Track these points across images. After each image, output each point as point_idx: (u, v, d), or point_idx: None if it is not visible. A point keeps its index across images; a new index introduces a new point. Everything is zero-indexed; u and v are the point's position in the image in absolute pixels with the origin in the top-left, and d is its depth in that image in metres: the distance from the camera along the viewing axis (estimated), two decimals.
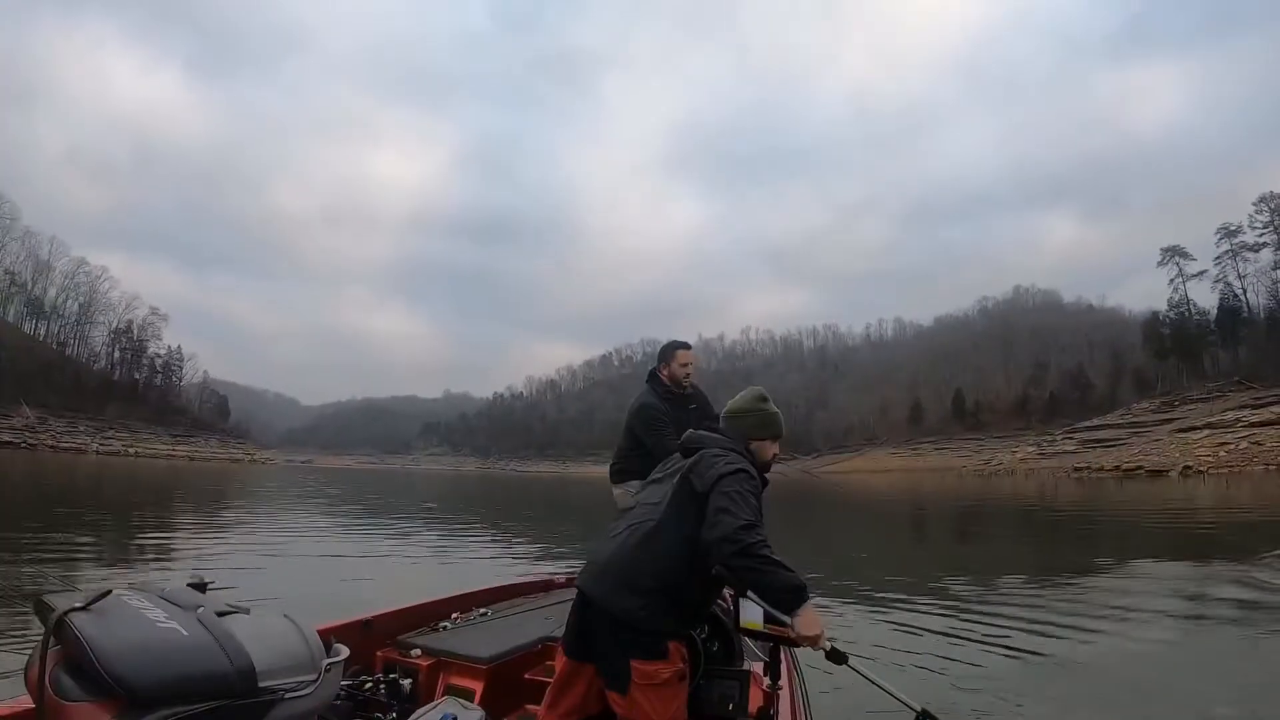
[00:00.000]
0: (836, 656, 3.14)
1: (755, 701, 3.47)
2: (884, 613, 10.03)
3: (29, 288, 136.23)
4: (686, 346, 5.55)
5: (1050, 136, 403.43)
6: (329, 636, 2.88)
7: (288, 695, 2.19)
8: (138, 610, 2.18)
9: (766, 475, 3.43)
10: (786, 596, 2.92)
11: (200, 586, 2.57)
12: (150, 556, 13.55)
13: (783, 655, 3.59)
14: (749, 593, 3.20)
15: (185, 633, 2.12)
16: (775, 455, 3.58)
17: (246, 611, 2.39)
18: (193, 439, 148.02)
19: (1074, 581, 12.71)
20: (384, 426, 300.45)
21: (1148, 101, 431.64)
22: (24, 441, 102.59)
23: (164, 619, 2.15)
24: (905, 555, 18.44)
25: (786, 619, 2.99)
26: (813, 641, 2.97)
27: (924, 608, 10.33)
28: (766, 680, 3.51)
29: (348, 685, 3.60)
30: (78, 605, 2.08)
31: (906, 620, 9.46)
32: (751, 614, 3.25)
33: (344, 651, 2.52)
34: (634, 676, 2.98)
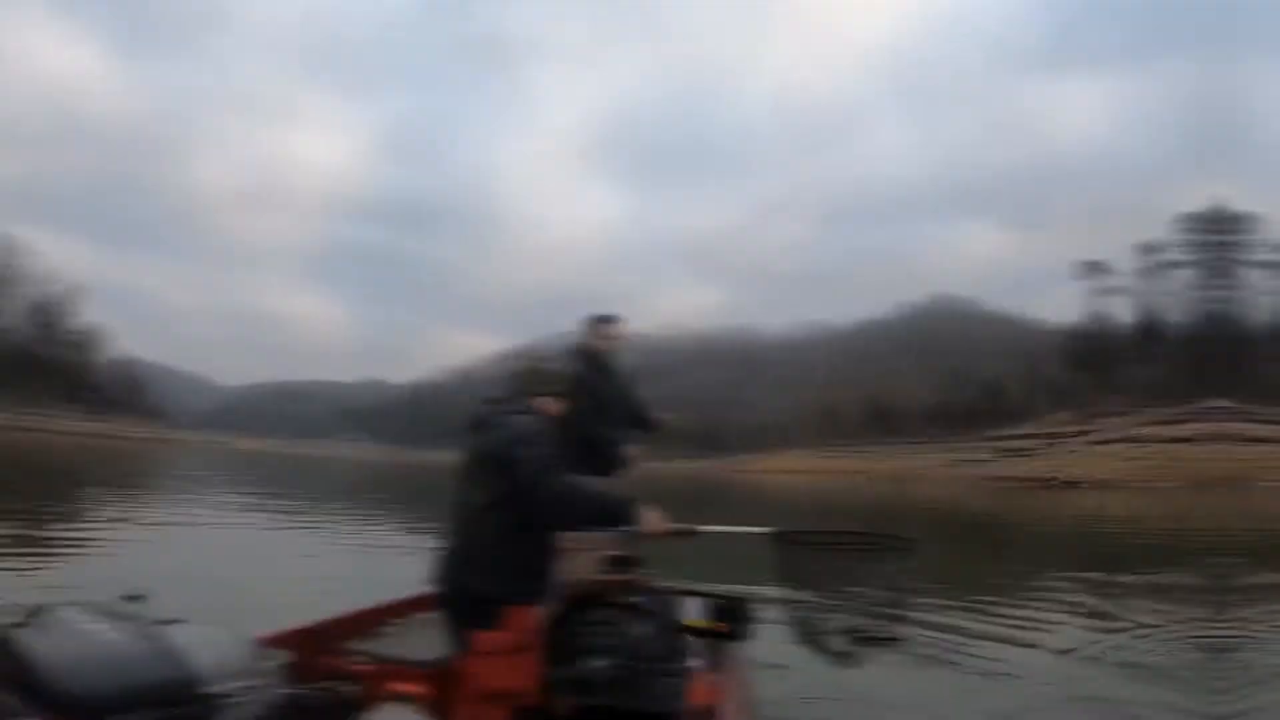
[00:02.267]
0: (686, 533, 3.33)
1: (699, 698, 3.45)
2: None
3: None
4: (607, 320, 5.72)
5: (973, 143, 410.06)
6: (269, 645, 3.05)
7: (227, 701, 2.15)
8: (77, 624, 2.17)
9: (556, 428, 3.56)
10: (621, 515, 3.11)
11: (137, 598, 2.52)
12: (68, 554, 11.85)
13: (727, 652, 3.78)
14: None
15: (126, 644, 2.10)
16: (558, 411, 3.57)
17: (185, 621, 2.37)
18: (105, 417, 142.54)
19: (977, 591, 11.87)
20: (300, 409, 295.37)
21: (1072, 114, 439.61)
22: None
23: (105, 631, 2.15)
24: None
25: (631, 530, 3.15)
26: (664, 534, 3.17)
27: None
28: (710, 677, 3.57)
29: (288, 694, 3.06)
30: (16, 622, 2.10)
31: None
32: (694, 612, 3.60)
33: (283, 657, 2.57)
34: (472, 647, 3.01)
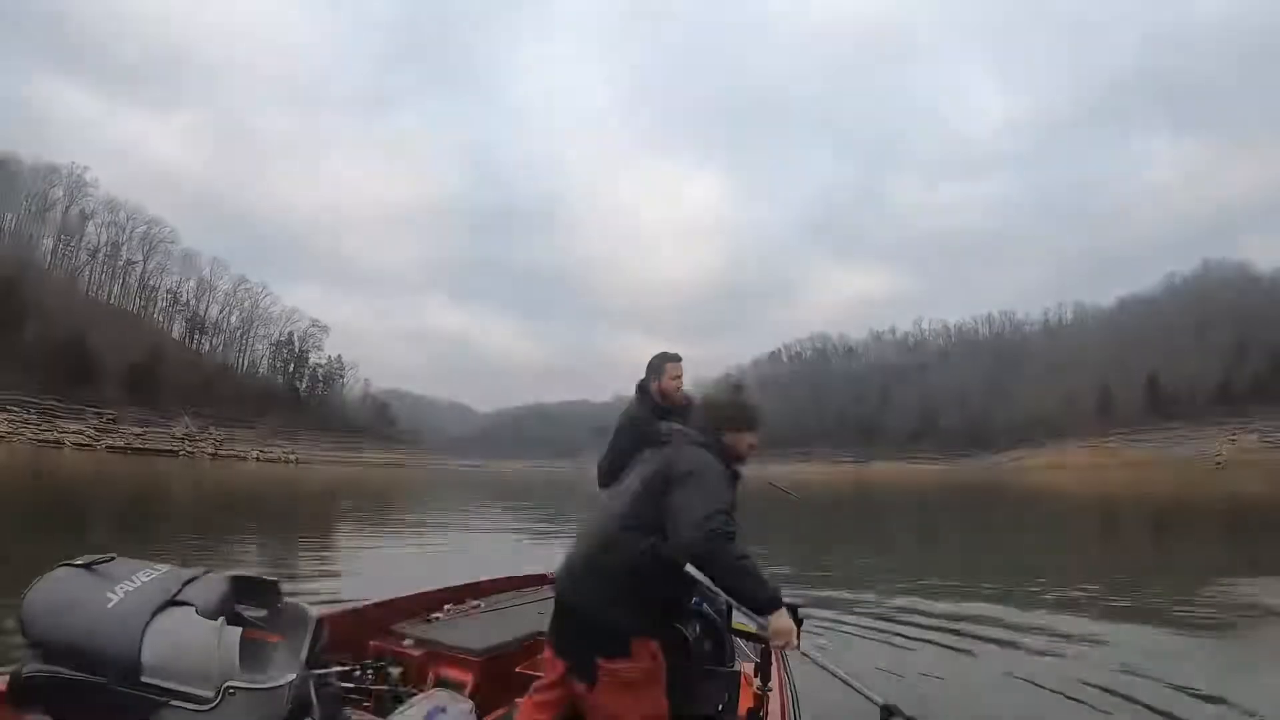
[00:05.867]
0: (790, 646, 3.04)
1: (745, 702, 3.61)
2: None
3: (191, 305, 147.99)
4: (676, 359, 5.31)
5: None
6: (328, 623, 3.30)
7: (174, 703, 2.13)
8: (108, 575, 2.28)
9: (740, 469, 3.41)
10: (761, 604, 2.90)
11: (250, 582, 2.64)
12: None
13: (773, 657, 3.72)
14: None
15: (109, 607, 2.17)
16: (752, 446, 3.44)
17: (194, 608, 2.31)
18: (354, 445, 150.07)
19: None
20: (555, 430, 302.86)
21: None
22: (183, 450, 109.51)
23: (115, 590, 2.22)
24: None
25: (762, 621, 2.93)
26: (785, 641, 2.95)
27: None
28: (757, 681, 3.63)
29: (338, 672, 3.48)
30: (77, 561, 2.28)
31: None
32: (743, 617, 3.35)
33: (283, 678, 2.37)
34: (600, 675, 2.96)
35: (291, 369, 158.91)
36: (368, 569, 12.80)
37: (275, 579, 2.66)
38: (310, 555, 14.68)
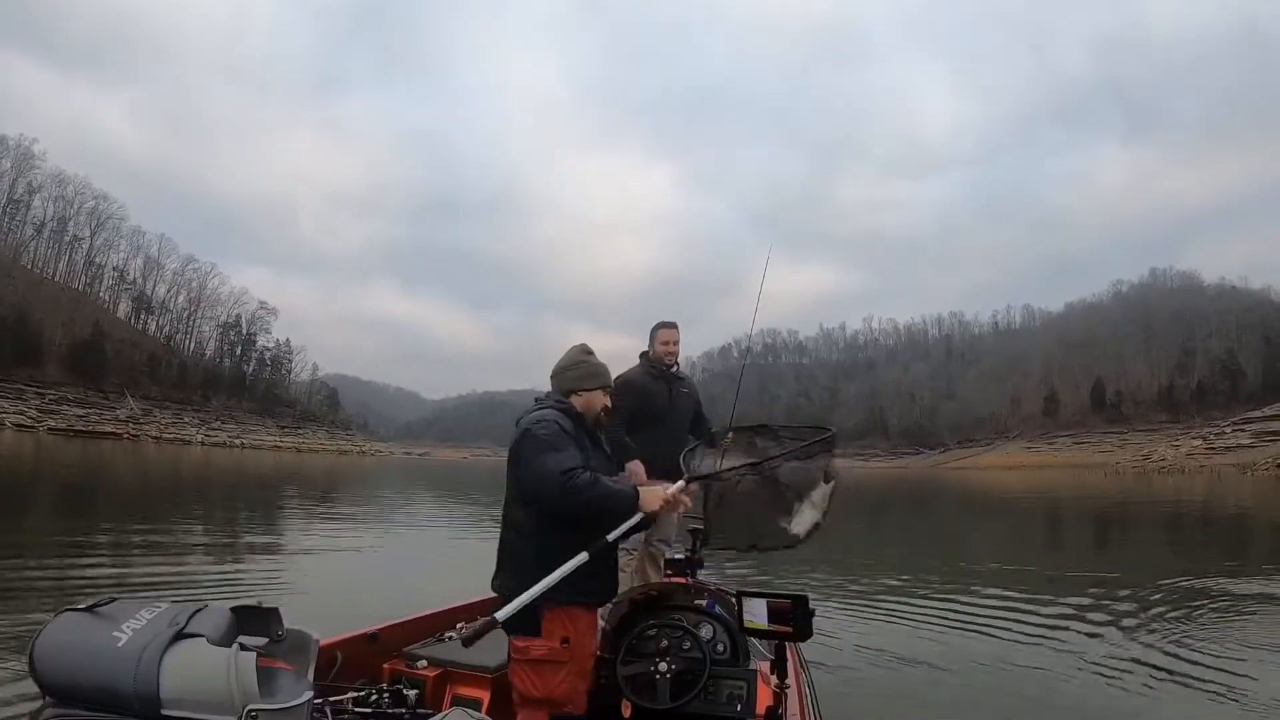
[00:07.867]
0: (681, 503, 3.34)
1: (763, 700, 3.59)
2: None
3: (138, 284, 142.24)
4: (671, 326, 5.93)
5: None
6: (334, 650, 3.52)
7: None
8: (112, 616, 2.28)
9: (601, 423, 3.61)
10: (626, 508, 3.12)
11: (251, 611, 2.64)
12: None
13: (789, 653, 3.69)
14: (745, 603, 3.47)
15: (120, 645, 2.17)
16: (606, 408, 3.60)
17: (205, 638, 2.33)
18: (300, 431, 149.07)
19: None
20: (501, 419, 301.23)
21: None
22: (127, 433, 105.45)
23: (123, 629, 2.23)
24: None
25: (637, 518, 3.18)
26: (668, 506, 3.21)
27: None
28: (774, 679, 3.57)
29: (355, 697, 3.61)
30: (79, 606, 2.29)
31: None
32: (756, 614, 3.44)
33: (300, 698, 2.38)
34: (511, 653, 3.19)
35: (239, 352, 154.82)
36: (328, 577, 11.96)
37: (275, 606, 2.65)
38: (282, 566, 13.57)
